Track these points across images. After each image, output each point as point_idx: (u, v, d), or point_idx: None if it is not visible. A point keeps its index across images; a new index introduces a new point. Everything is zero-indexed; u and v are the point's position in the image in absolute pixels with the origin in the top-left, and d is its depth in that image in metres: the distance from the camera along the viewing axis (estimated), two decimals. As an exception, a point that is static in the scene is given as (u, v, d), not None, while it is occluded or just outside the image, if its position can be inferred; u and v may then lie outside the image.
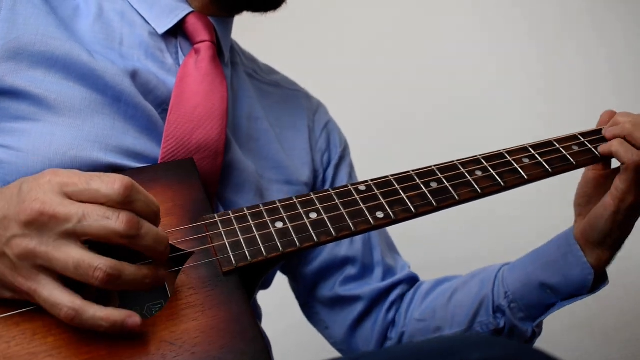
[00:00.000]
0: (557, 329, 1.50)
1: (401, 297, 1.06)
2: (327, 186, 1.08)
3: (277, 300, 1.14)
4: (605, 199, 0.86)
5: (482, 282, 1.00)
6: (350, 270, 1.05)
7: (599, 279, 0.92)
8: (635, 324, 1.56)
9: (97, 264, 0.60)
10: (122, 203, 0.62)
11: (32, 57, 0.80)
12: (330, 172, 1.09)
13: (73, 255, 0.61)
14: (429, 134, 1.72)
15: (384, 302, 1.05)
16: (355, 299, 1.05)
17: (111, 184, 0.62)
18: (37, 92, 0.79)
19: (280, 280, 1.11)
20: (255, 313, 1.00)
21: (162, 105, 0.88)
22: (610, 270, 0.93)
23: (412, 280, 1.09)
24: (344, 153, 1.12)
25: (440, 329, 1.01)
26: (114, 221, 0.61)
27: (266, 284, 1.05)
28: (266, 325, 1.00)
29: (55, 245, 0.61)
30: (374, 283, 1.05)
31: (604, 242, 0.88)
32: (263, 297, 1.05)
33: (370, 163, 1.17)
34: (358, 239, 1.06)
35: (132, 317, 0.63)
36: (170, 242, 0.72)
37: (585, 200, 0.91)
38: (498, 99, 1.75)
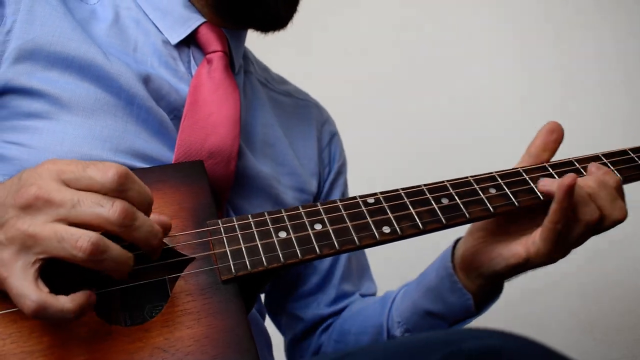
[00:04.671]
0: (557, 329, 1.48)
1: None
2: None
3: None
4: (516, 248, 0.80)
5: (381, 308, 0.97)
6: (310, 283, 1.05)
7: (490, 294, 0.87)
8: (635, 324, 1.54)
9: (82, 234, 0.59)
10: (116, 191, 0.62)
11: (48, 57, 0.81)
12: (325, 187, 1.08)
13: (57, 229, 0.60)
14: (442, 145, 1.71)
15: (321, 326, 1.05)
16: (298, 318, 1.06)
17: (106, 172, 0.62)
18: (52, 91, 0.80)
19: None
20: (259, 314, 1.00)
21: (174, 111, 0.88)
22: (611, 270, 0.89)
23: None
24: (341, 170, 1.11)
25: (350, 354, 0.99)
26: (107, 209, 0.60)
27: (274, 293, 1.05)
28: (266, 324, 1.00)
29: (45, 227, 0.60)
30: (321, 306, 1.04)
31: (489, 277, 0.83)
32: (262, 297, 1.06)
33: (382, 174, 1.16)
34: None
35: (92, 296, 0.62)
36: (172, 246, 0.72)
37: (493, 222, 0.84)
38: (514, 108, 1.73)
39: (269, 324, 1.02)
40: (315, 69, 1.62)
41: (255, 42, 1.02)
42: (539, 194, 0.82)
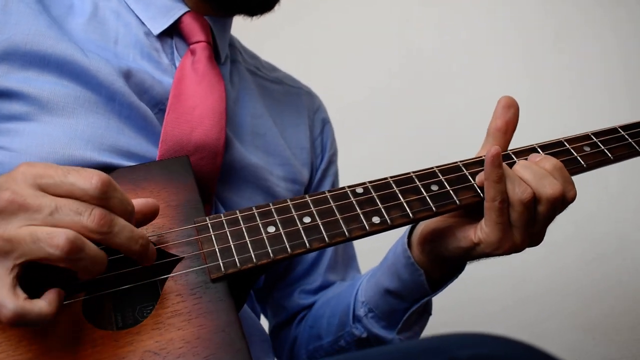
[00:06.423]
0: (557, 329, 1.49)
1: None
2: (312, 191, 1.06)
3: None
4: (469, 232, 0.78)
5: (351, 290, 0.96)
6: (296, 271, 1.04)
7: (452, 273, 0.85)
8: (635, 324, 1.54)
9: (58, 232, 0.58)
10: (99, 198, 0.61)
11: (25, 57, 0.79)
12: (316, 176, 1.07)
13: (32, 230, 0.58)
14: (441, 145, 1.71)
15: (298, 316, 1.04)
16: (281, 308, 1.05)
17: (88, 179, 0.61)
18: (31, 91, 0.78)
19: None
20: (254, 312, 0.99)
21: (158, 105, 0.86)
22: (611, 270, 0.88)
23: None
24: (332, 159, 1.10)
25: (320, 337, 0.98)
26: (86, 217, 0.60)
27: (258, 282, 1.04)
28: (265, 323, 0.99)
29: (19, 230, 0.59)
30: (303, 295, 1.04)
31: (441, 256, 0.82)
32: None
33: (373, 162, 1.15)
34: None
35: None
36: (160, 246, 0.71)
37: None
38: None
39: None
40: (316, 67, 1.60)
41: (256, 41, 1.01)
42: None
